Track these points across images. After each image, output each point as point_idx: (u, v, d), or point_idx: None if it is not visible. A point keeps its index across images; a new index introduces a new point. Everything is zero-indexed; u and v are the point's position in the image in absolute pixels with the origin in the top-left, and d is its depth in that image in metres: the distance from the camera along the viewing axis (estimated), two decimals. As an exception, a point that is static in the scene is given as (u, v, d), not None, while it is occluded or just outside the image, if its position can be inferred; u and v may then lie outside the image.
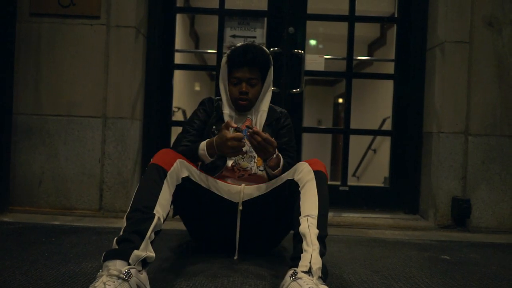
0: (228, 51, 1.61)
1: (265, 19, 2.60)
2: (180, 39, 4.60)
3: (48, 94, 2.29)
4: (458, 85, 2.34)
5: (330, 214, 2.24)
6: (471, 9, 2.33)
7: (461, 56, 2.34)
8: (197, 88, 6.55)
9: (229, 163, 1.54)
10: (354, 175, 6.30)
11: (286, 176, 1.40)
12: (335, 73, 4.07)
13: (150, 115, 2.51)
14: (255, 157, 1.55)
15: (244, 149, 1.39)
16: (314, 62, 2.63)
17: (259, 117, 1.63)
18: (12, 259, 1.38)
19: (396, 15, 2.68)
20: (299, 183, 1.32)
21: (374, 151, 5.13)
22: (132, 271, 1.02)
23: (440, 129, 2.35)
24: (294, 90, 2.54)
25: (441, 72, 2.36)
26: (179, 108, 4.20)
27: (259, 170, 1.55)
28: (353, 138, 2.70)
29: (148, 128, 2.51)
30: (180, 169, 1.32)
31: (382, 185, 3.19)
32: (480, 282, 1.39)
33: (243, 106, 1.60)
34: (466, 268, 1.55)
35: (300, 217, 1.24)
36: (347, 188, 2.60)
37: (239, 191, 1.44)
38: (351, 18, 2.60)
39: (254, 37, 2.62)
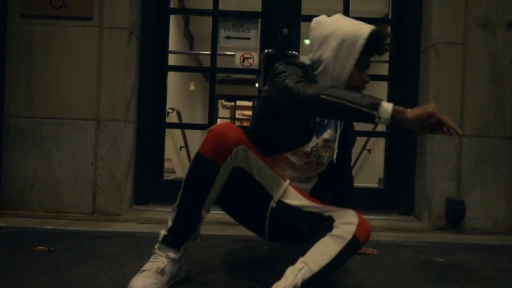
0: (369, 30, 1.36)
1: (259, 20, 2.58)
2: (174, 39, 4.60)
3: (41, 96, 2.26)
4: (452, 87, 2.34)
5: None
6: (464, 10, 2.33)
7: (455, 57, 2.34)
8: (192, 88, 6.54)
9: (310, 146, 1.39)
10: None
11: (331, 211, 1.31)
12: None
13: (144, 117, 2.50)
14: (331, 147, 1.45)
15: (325, 136, 1.41)
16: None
17: None
18: (3, 265, 1.36)
19: (390, 16, 2.67)
20: (333, 230, 1.22)
21: (369, 151, 5.14)
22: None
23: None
24: (288, 92, 2.53)
25: (435, 73, 2.36)
26: (173, 109, 4.18)
27: (328, 160, 1.46)
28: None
29: (142, 130, 2.49)
30: (235, 159, 1.23)
31: (377, 185, 3.19)
32: (475, 286, 1.39)
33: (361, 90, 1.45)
34: (460, 271, 1.55)
35: (300, 257, 1.17)
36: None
37: (281, 187, 1.35)
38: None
39: (248, 38, 2.61)
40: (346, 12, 2.58)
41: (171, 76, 4.79)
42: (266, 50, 2.50)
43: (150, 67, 2.51)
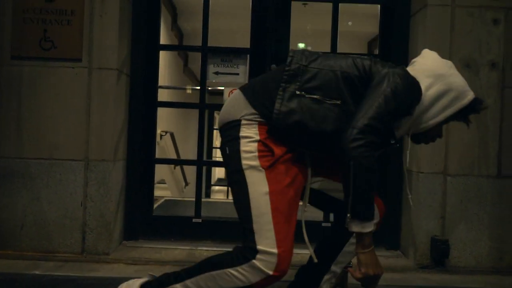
0: (473, 94, 1.43)
1: (248, 56, 2.61)
2: (168, 58, 4.64)
3: (30, 137, 2.29)
4: (437, 126, 2.37)
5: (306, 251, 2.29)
6: (449, 50, 2.36)
7: (440, 97, 2.37)
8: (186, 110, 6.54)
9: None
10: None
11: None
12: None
13: (133, 154, 2.53)
14: None
15: None
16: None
17: None
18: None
19: (377, 51, 2.71)
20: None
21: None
22: None
23: (419, 169, 2.39)
24: (276, 128, 2.56)
25: (420, 112, 2.39)
26: (166, 132, 4.21)
27: None
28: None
29: (132, 166, 2.52)
30: None
31: None
32: None
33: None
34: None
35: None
36: (329, 224, 2.63)
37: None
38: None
39: (237, 73, 2.64)
40: (333, 50, 2.61)
41: (165, 94, 4.84)
42: (254, 87, 2.53)
43: (140, 103, 2.54)
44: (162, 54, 3.00)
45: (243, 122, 1.34)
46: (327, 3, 2.64)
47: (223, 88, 2.64)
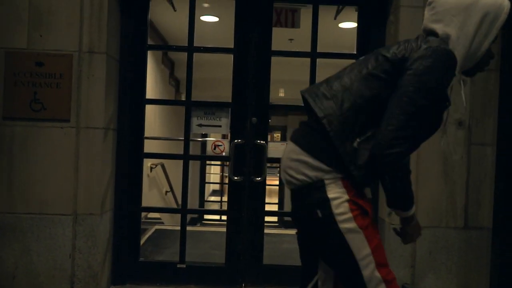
0: (508, 4, 1.32)
1: (230, 109, 2.74)
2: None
3: (21, 193, 2.41)
4: (407, 180, 2.51)
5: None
6: (419, 109, 2.50)
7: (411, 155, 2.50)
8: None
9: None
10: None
11: None
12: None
13: (121, 204, 2.66)
14: None
15: None
16: (276, 149, 2.79)
17: None
18: None
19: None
20: None
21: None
22: None
23: (391, 221, 2.52)
24: (257, 179, 2.69)
25: (392, 167, 2.53)
26: (156, 165, 4.33)
27: None
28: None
29: (119, 216, 2.65)
30: None
31: None
32: None
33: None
34: None
35: None
36: (307, 269, 2.75)
37: None
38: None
39: (220, 126, 2.77)
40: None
41: (156, 122, 4.97)
42: (235, 141, 2.66)
43: (127, 155, 2.67)
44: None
45: (326, 182, 1.31)
46: (306, 58, 2.77)
47: (206, 139, 2.77)
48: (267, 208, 2.88)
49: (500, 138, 2.49)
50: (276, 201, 8.75)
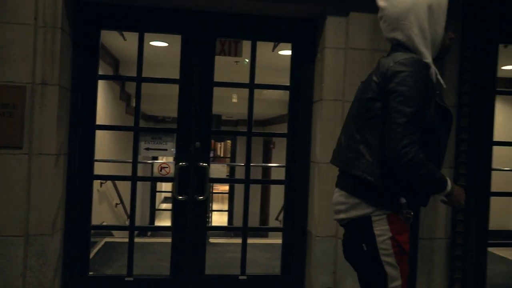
0: None
1: (175, 134, 3.01)
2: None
3: (-27, 216, 2.55)
4: (330, 198, 2.87)
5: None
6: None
7: (333, 174, 2.86)
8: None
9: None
10: (277, 218, 6.89)
11: None
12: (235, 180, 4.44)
13: (71, 223, 2.84)
14: None
15: None
16: (217, 170, 3.09)
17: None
18: None
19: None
20: None
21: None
22: None
23: (316, 234, 2.90)
24: (200, 197, 2.97)
25: (317, 186, 2.91)
26: (106, 180, 4.49)
27: None
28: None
29: (69, 235, 2.83)
30: None
31: (279, 273, 3.33)
32: None
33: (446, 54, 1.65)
34: None
35: None
36: (245, 277, 3.07)
37: None
38: (249, 134, 3.09)
39: (165, 149, 3.03)
40: (249, 128, 3.07)
41: (107, 143, 5.11)
42: (180, 163, 2.93)
43: (77, 177, 2.86)
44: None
45: (373, 218, 1.57)
46: (245, 88, 3.10)
47: (152, 161, 3.02)
48: (217, 214, 3.17)
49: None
50: (226, 208, 9.05)
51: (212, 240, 4.68)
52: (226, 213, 8.77)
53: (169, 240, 3.02)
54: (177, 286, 2.97)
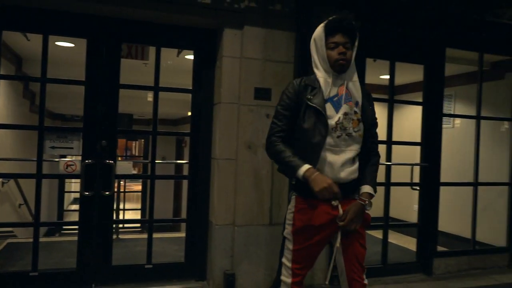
0: (325, 22, 1.98)
1: (81, 133, 3.14)
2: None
3: None
4: (228, 190, 3.25)
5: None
6: (236, 136, 3.26)
7: (230, 169, 3.26)
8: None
9: (334, 121, 1.95)
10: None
11: None
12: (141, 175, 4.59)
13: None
14: (352, 119, 1.97)
15: (343, 110, 1.96)
16: (124, 167, 3.29)
17: (355, 87, 2.02)
18: None
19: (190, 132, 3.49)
20: None
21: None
22: None
23: (216, 222, 3.24)
24: (106, 193, 3.14)
25: (216, 180, 3.25)
26: (8, 179, 4.38)
27: (354, 131, 1.98)
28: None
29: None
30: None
31: (183, 261, 3.58)
32: None
33: (342, 66, 1.96)
34: None
35: None
36: (151, 266, 3.31)
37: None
38: (154, 133, 3.33)
39: (72, 148, 3.15)
40: (154, 128, 3.31)
41: (11, 141, 4.95)
42: (86, 161, 3.07)
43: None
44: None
45: (291, 197, 2.09)
46: (150, 91, 3.33)
47: (58, 159, 3.12)
48: (131, 213, 3.35)
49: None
50: (139, 206, 9.07)
51: (122, 236, 4.80)
52: (139, 211, 8.80)
53: (76, 238, 3.13)
54: (85, 278, 3.11)
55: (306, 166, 1.92)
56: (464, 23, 3.85)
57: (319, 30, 2.00)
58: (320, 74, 2.01)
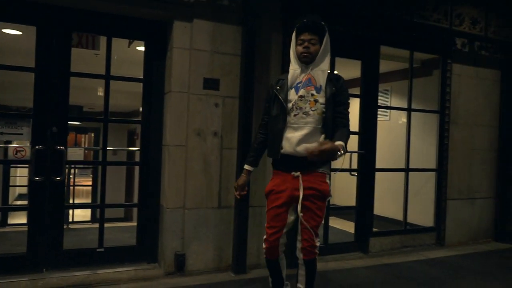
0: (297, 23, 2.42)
1: (31, 120, 3.18)
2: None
3: None
4: (178, 175, 3.41)
5: (86, 272, 3.03)
6: (186, 124, 3.42)
7: (180, 155, 3.42)
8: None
9: (291, 103, 2.37)
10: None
11: None
12: (93, 161, 4.70)
13: None
14: (309, 101, 2.35)
15: (300, 94, 2.36)
16: (75, 153, 3.36)
17: (320, 74, 2.39)
18: None
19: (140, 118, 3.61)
20: None
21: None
22: None
23: (167, 206, 3.40)
24: (57, 178, 3.20)
25: (167, 166, 3.40)
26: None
27: (311, 110, 2.35)
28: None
29: None
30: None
31: (135, 244, 3.70)
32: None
33: (306, 57, 2.38)
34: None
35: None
36: (103, 249, 3.41)
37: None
38: (106, 121, 3.42)
39: (21, 134, 3.18)
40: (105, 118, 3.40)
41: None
42: (37, 146, 3.12)
43: None
44: None
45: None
46: (101, 80, 3.42)
47: (6, 145, 3.14)
48: (79, 211, 3.41)
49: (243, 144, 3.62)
50: (90, 201, 8.92)
51: (72, 226, 4.81)
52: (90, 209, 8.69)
53: (26, 228, 3.16)
54: (36, 262, 3.15)
55: (245, 167, 2.62)
56: (396, 23, 4.25)
57: (294, 31, 2.45)
58: (292, 67, 2.47)
